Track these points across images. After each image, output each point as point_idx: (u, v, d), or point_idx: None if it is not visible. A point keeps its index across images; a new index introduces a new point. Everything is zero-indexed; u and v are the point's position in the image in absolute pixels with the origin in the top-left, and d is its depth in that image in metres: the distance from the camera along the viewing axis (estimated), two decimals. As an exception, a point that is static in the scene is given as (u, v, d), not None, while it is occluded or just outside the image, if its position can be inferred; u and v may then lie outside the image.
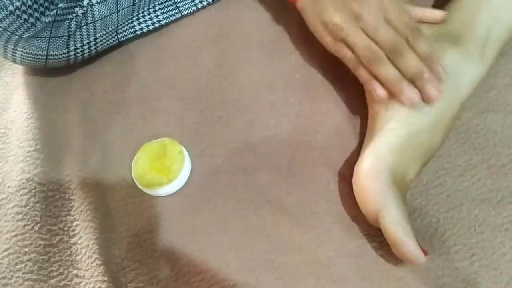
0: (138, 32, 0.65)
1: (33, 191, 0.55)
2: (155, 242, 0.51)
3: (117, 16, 0.61)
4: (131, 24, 0.64)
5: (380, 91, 0.48)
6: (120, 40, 0.64)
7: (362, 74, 0.50)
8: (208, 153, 0.55)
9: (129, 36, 0.64)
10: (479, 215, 0.50)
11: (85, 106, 0.62)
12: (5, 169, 0.58)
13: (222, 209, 0.52)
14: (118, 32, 0.63)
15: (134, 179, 0.53)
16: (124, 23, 0.63)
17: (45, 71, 0.64)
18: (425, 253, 0.43)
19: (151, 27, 0.65)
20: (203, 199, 0.53)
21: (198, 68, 0.63)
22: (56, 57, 0.59)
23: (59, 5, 0.56)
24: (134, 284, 0.49)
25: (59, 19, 0.57)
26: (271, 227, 0.51)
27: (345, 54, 0.50)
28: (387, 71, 0.48)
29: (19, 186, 0.55)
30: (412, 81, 0.48)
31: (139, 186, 0.53)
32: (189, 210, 0.52)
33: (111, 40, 0.63)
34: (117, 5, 0.60)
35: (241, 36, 0.64)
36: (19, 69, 0.66)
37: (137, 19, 0.64)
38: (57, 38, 0.57)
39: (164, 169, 0.52)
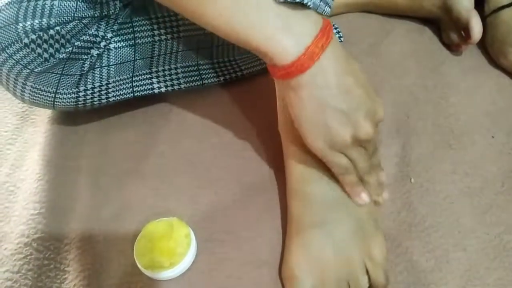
0: (156, 91, 0.63)
1: (29, 257, 0.52)
2: (147, 332, 0.47)
3: (133, 65, 0.60)
4: (150, 81, 0.62)
5: (366, 196, 0.50)
6: (135, 94, 0.62)
7: (351, 179, 0.49)
8: (217, 239, 0.52)
9: (146, 92, 0.62)
10: None
11: (98, 172, 0.60)
12: (6, 229, 0.55)
13: (223, 302, 0.48)
14: (134, 84, 0.61)
15: (135, 258, 0.50)
16: (141, 75, 0.61)
17: (64, 132, 0.63)
18: None
19: (169, 89, 0.63)
20: (205, 289, 0.49)
21: (220, 148, 0.61)
22: (64, 96, 0.57)
23: (75, 44, 0.56)
24: None
25: (74, 57, 0.56)
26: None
27: (340, 161, 0.47)
28: (373, 179, 0.51)
29: (15, 250, 0.52)
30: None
31: (139, 266, 0.49)
32: (188, 299, 0.49)
33: (125, 91, 0.61)
34: (134, 54, 0.60)
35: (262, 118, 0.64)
36: (40, 127, 0.66)
37: (157, 77, 0.62)
38: (68, 76, 0.57)
39: (168, 252, 0.49)
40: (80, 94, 0.58)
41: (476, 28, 0.65)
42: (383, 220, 0.53)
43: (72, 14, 0.54)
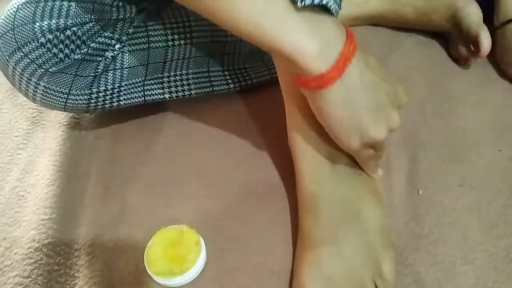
0: (167, 96, 0.63)
1: (39, 262, 0.52)
2: None
3: (146, 69, 0.61)
4: (161, 85, 0.62)
5: (381, 170, 0.54)
6: (146, 99, 0.62)
7: (374, 163, 0.52)
8: (227, 248, 0.53)
9: (156, 97, 0.63)
10: None
11: (108, 180, 0.60)
12: (16, 234, 0.56)
13: (233, 311, 0.48)
14: (145, 88, 0.61)
15: (145, 265, 0.50)
16: (152, 79, 0.62)
17: (74, 138, 0.64)
18: None
19: (180, 94, 0.64)
20: (214, 297, 0.49)
21: (229, 157, 0.62)
22: (77, 97, 0.57)
23: (91, 45, 0.56)
24: None
25: (88, 58, 0.57)
26: None
27: (369, 154, 0.49)
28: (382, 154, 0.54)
29: (25, 255, 0.53)
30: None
31: (149, 273, 0.50)
32: (197, 307, 0.49)
33: (136, 95, 0.61)
34: (148, 58, 0.60)
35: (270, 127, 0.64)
36: (50, 133, 0.66)
37: (168, 82, 0.62)
38: (82, 77, 0.57)
39: (178, 259, 0.49)
40: (93, 96, 0.59)
41: (486, 42, 0.65)
42: (391, 231, 0.53)
43: (89, 16, 0.55)
